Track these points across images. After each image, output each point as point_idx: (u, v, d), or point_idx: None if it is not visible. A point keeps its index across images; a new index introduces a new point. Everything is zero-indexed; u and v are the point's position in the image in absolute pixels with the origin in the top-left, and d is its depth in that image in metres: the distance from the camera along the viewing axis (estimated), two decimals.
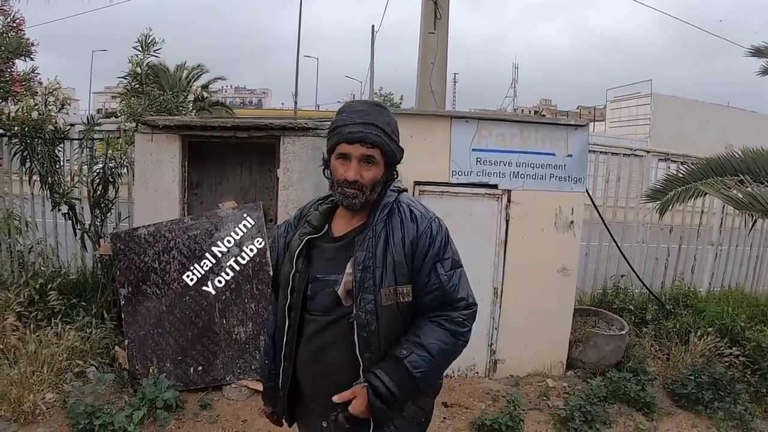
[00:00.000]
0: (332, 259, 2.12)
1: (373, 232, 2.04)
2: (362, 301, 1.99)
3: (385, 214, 2.07)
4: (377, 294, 2.00)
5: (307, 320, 2.13)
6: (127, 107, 5.68)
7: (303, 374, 2.17)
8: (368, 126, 2.01)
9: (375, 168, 2.05)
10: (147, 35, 5.82)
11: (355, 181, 2.02)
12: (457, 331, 2.07)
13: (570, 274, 5.29)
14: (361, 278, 2.00)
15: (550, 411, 4.72)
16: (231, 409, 4.59)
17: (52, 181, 5.61)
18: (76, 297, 5.43)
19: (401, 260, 2.03)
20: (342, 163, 2.05)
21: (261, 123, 5.11)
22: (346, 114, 2.07)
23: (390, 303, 2.01)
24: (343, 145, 2.02)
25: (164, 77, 12.02)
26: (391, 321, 2.03)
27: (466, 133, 5.01)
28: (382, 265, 2.01)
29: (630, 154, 7.12)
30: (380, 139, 2.02)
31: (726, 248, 7.46)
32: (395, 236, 2.04)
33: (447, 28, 7.36)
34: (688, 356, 5.40)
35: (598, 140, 7.47)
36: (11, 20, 5.65)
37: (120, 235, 4.94)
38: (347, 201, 2.05)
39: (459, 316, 2.08)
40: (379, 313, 2.00)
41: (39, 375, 4.40)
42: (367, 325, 2.00)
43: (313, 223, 2.17)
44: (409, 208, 2.11)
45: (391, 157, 2.09)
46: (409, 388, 2.01)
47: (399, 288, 2.03)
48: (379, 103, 2.19)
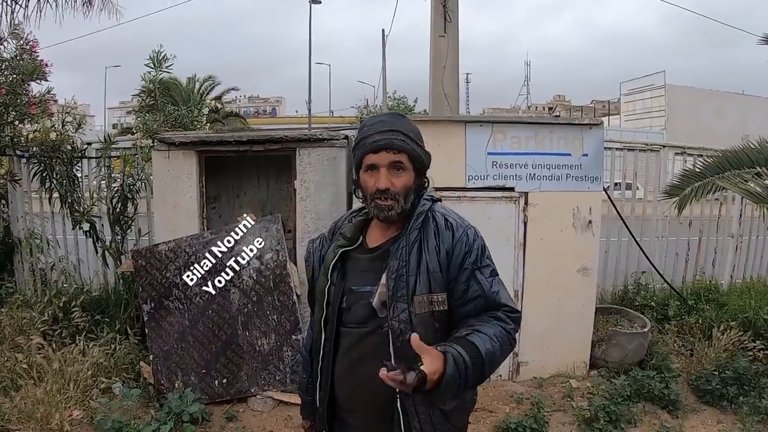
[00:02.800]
0: (367, 270, 2.09)
1: (406, 241, 2.02)
2: (396, 309, 1.97)
3: (419, 222, 2.05)
4: (410, 302, 1.97)
5: (343, 333, 2.11)
6: (142, 124, 5.73)
7: (340, 388, 2.14)
8: (392, 133, 2.00)
9: (405, 174, 2.02)
10: (159, 52, 5.87)
11: (387, 190, 1.99)
12: (506, 327, 1.98)
13: (590, 274, 5.28)
14: (395, 287, 1.98)
15: (574, 412, 4.70)
16: (257, 420, 4.62)
17: (71, 200, 5.66)
18: (99, 314, 5.49)
19: (435, 268, 2.00)
20: (371, 174, 2.02)
21: (276, 136, 5.14)
22: (367, 127, 2.06)
23: (424, 311, 1.98)
24: (370, 156, 2.01)
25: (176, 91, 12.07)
26: (426, 329, 1.96)
27: (480, 137, 5.02)
28: (415, 273, 1.98)
29: (646, 149, 7.08)
30: (405, 144, 2.00)
31: (747, 239, 7.38)
32: (429, 244, 2.02)
33: (457, 30, 7.34)
34: (712, 351, 5.34)
35: (613, 134, 7.46)
36: (24, 43, 5.70)
37: (141, 251, 4.99)
38: (383, 214, 2.02)
39: (504, 315, 2.00)
40: (413, 321, 1.96)
41: (65, 392, 4.44)
42: (401, 334, 1.95)
43: (347, 235, 2.15)
44: (443, 217, 2.08)
45: (419, 162, 2.06)
46: (479, 369, 1.85)
47: (433, 296, 1.99)
48: (398, 112, 2.19)
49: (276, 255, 4.90)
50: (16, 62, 5.62)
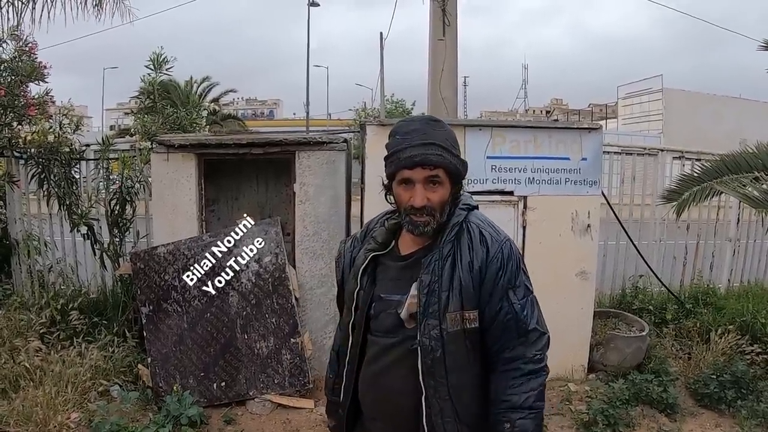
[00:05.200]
0: (397, 278, 2.04)
1: (440, 254, 1.95)
2: (427, 326, 1.92)
3: (453, 234, 1.98)
4: (443, 319, 1.92)
5: (370, 341, 2.07)
6: (141, 126, 5.72)
7: (363, 396, 2.11)
8: (427, 147, 1.90)
9: (441, 188, 1.94)
10: (159, 54, 5.86)
11: (423, 207, 1.92)
12: (538, 369, 1.95)
13: (589, 278, 5.28)
14: (426, 302, 1.92)
15: (572, 416, 4.70)
16: (255, 423, 4.62)
17: (69, 201, 5.65)
18: (97, 316, 5.48)
19: (468, 284, 1.93)
20: (405, 189, 1.94)
21: (276, 139, 5.15)
22: (400, 136, 1.95)
23: (456, 329, 1.93)
24: (404, 171, 1.92)
25: (175, 93, 12.11)
26: (458, 348, 1.94)
27: (480, 140, 5.02)
28: (448, 289, 1.92)
29: (644, 153, 7.09)
30: (442, 158, 1.91)
31: (744, 243, 7.39)
32: (463, 259, 1.95)
33: (456, 34, 7.36)
34: (710, 355, 5.35)
35: (611, 138, 7.46)
36: (23, 44, 5.70)
37: (139, 254, 4.99)
38: (418, 230, 1.96)
39: (535, 354, 1.96)
40: (445, 339, 1.92)
41: (63, 395, 4.43)
42: (432, 351, 1.92)
43: (378, 240, 2.09)
44: (479, 229, 2.00)
45: (455, 175, 1.98)
46: None
47: (465, 313, 1.93)
48: (433, 118, 2.08)
49: (275, 258, 4.90)
50: (15, 64, 5.61)
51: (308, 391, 4.87)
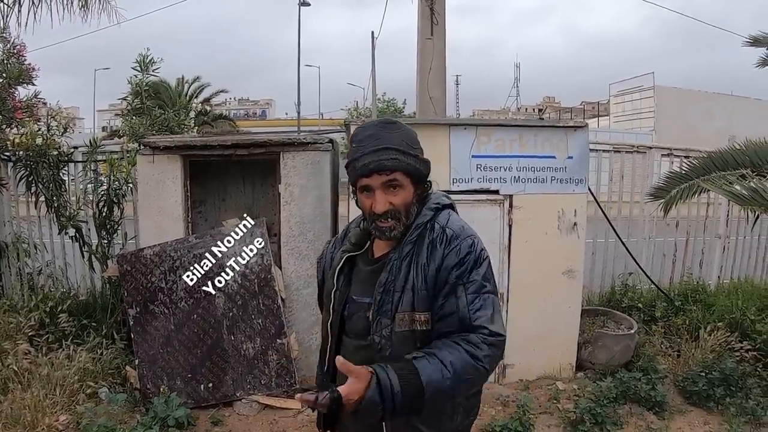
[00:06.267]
0: (367, 281, 2.04)
1: (399, 254, 1.96)
2: (379, 324, 1.94)
3: (416, 235, 1.97)
4: (393, 319, 1.93)
5: (344, 342, 2.10)
6: (129, 127, 5.72)
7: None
8: (381, 152, 1.89)
9: (402, 191, 1.94)
10: (146, 55, 5.86)
11: (385, 212, 1.92)
12: (474, 353, 1.85)
13: (576, 276, 5.28)
14: (381, 301, 1.94)
15: (560, 414, 4.70)
16: (242, 424, 4.62)
17: (57, 204, 5.65)
18: (86, 318, 5.48)
19: (421, 287, 1.92)
20: (367, 196, 1.95)
21: (260, 140, 5.15)
22: (356, 144, 1.96)
23: (404, 329, 1.93)
24: (362, 179, 1.93)
25: (165, 94, 12.07)
26: (407, 349, 1.90)
27: (465, 139, 5.01)
28: (401, 290, 1.93)
29: (633, 150, 7.10)
30: (397, 161, 1.90)
31: (734, 239, 7.40)
32: (420, 260, 1.95)
33: (444, 33, 7.35)
34: (699, 352, 5.35)
35: (602, 135, 7.47)
36: (11, 47, 5.68)
37: (126, 256, 5.00)
38: (385, 235, 1.96)
39: (477, 338, 1.87)
40: (393, 339, 1.93)
41: (52, 397, 4.42)
42: (381, 350, 1.94)
43: (353, 241, 2.11)
44: (442, 230, 1.98)
45: (416, 176, 1.97)
46: (411, 397, 1.78)
47: (416, 315, 1.93)
48: (389, 121, 2.05)
49: (261, 259, 4.90)
50: (3, 66, 5.59)
51: (295, 391, 4.85)
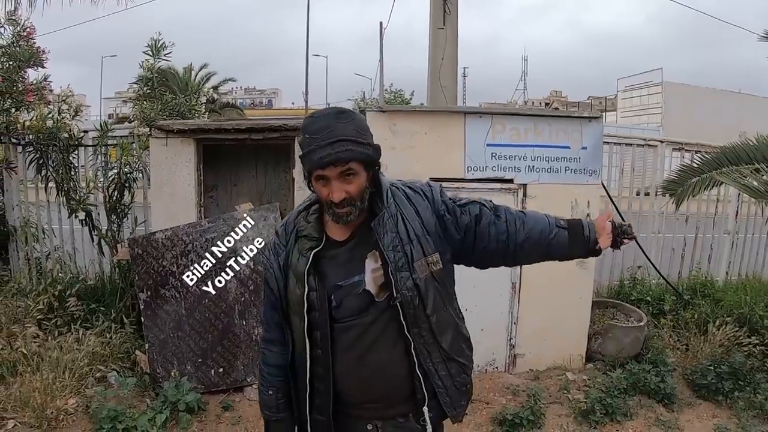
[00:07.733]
0: (348, 261, 2.06)
1: (389, 213, 2.03)
2: (401, 280, 2.00)
3: (392, 196, 2.07)
4: (413, 270, 2.02)
5: (342, 329, 2.06)
6: (140, 112, 5.70)
7: (346, 384, 2.10)
8: (335, 144, 1.88)
9: (357, 178, 1.95)
10: (157, 39, 5.83)
11: (342, 201, 1.94)
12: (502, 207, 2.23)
13: (587, 267, 5.26)
14: (395, 258, 2.00)
15: (570, 404, 4.71)
16: (253, 410, 4.59)
17: (67, 188, 5.63)
18: (95, 302, 5.47)
19: (422, 233, 2.05)
20: (323, 185, 1.95)
21: (275, 124, 5.13)
22: (309, 135, 1.93)
23: (425, 274, 2.03)
24: (318, 170, 1.92)
25: (173, 80, 12.04)
26: (430, 291, 2.05)
27: (480, 128, 5.00)
28: (408, 241, 2.02)
29: (643, 144, 7.08)
30: (352, 153, 1.90)
31: (743, 236, 7.40)
32: (408, 213, 2.06)
33: (456, 23, 7.29)
34: (707, 346, 5.35)
35: (610, 130, 7.43)
36: (21, 29, 5.65)
37: (138, 240, 4.97)
38: (342, 220, 1.99)
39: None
40: (419, 286, 2.02)
41: (61, 381, 4.42)
42: (411, 300, 2.01)
43: (315, 235, 2.08)
44: (406, 187, 2.15)
45: (368, 162, 1.99)
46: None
47: (428, 258, 2.05)
48: (340, 110, 2.02)
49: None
50: (13, 49, 5.57)
51: None
